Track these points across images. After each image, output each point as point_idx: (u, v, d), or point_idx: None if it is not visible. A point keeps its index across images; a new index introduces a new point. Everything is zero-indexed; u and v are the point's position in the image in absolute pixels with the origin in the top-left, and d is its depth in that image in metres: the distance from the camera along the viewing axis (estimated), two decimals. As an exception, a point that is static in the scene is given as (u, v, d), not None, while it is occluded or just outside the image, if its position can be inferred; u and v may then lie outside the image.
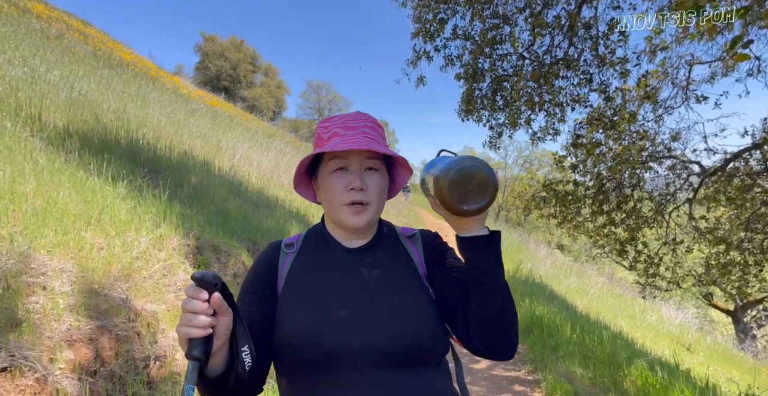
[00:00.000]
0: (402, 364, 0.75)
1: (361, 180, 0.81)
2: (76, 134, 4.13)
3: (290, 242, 0.91)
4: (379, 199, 0.84)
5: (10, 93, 3.99)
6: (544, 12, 4.42)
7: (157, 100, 8.53)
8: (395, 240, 0.90)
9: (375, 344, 0.74)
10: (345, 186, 0.81)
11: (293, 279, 0.84)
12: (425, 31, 5.16)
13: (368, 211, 0.82)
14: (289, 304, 0.81)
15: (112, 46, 14.99)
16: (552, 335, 4.53)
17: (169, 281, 2.89)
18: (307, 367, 0.76)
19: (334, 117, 0.87)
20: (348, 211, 0.82)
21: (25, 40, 6.93)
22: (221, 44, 39.91)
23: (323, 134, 0.85)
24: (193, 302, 0.64)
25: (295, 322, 0.78)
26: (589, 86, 4.57)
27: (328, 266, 0.85)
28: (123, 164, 4.08)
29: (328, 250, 0.87)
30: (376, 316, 0.77)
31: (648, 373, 4.12)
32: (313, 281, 0.83)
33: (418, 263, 0.86)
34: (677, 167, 5.89)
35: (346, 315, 0.77)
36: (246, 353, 0.70)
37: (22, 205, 2.42)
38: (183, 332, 0.63)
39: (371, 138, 0.83)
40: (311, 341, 0.75)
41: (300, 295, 0.81)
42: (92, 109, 5.15)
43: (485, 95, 5.51)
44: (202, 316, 0.63)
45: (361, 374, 0.73)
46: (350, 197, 0.81)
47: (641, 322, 8.18)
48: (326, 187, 0.83)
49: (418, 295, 0.81)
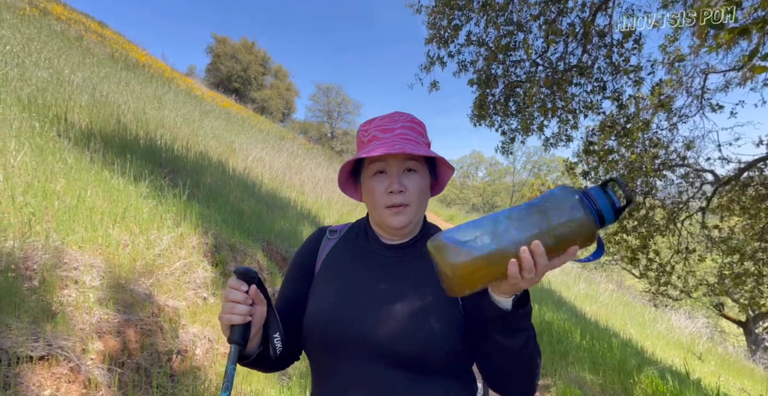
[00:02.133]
0: (406, 366, 0.75)
1: (399, 182, 0.81)
2: (99, 134, 4.25)
3: (335, 229, 0.95)
4: (419, 199, 0.84)
5: (38, 94, 4.13)
6: (558, 19, 4.47)
7: (172, 102, 8.70)
8: None
9: (377, 340, 0.75)
10: (384, 189, 0.82)
11: (327, 264, 0.88)
12: (439, 37, 5.23)
13: (408, 211, 0.83)
14: (317, 288, 0.86)
15: (128, 48, 15.27)
16: (561, 341, 4.54)
17: (189, 278, 2.97)
18: (317, 349, 0.81)
19: (374, 119, 0.88)
20: (388, 213, 0.83)
21: (49, 42, 7.12)
22: (233, 46, 40.34)
23: (363, 138, 0.86)
24: (235, 293, 0.71)
25: (315, 305, 0.83)
26: (603, 94, 4.60)
27: (362, 258, 0.87)
28: (144, 164, 4.19)
29: (366, 243, 0.90)
30: (390, 314, 0.77)
31: (658, 381, 4.11)
32: (343, 269, 0.86)
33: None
34: (690, 176, 5.88)
35: (360, 307, 0.79)
36: (277, 340, 0.77)
37: (54, 203, 2.52)
38: (226, 319, 0.71)
39: (408, 139, 0.83)
40: (322, 326, 0.79)
41: (328, 281, 0.85)
42: (113, 110, 5.29)
43: (498, 101, 5.56)
44: (242, 305, 0.71)
45: (360, 367, 0.76)
46: (390, 200, 0.82)
47: (651, 330, 8.12)
48: (367, 190, 0.85)
49: (440, 304, 0.79)
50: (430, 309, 0.78)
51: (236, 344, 0.71)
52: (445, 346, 0.75)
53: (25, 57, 5.10)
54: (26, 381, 1.66)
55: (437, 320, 0.77)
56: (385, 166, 0.82)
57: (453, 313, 0.79)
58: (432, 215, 17.67)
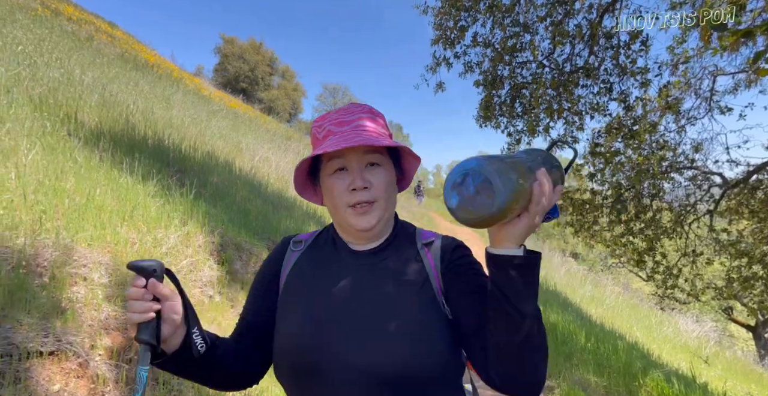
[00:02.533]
0: (391, 389, 0.68)
1: (362, 178, 0.74)
2: (108, 134, 4.31)
3: (300, 239, 0.86)
4: (386, 195, 0.76)
5: (49, 94, 4.19)
6: (565, 21, 4.46)
7: (180, 102, 8.78)
8: (411, 245, 0.81)
9: (358, 364, 0.68)
10: (346, 187, 0.74)
11: (293, 279, 0.80)
12: (445, 38, 5.24)
13: (375, 209, 0.75)
14: (284, 306, 0.78)
15: (137, 48, 15.42)
16: (566, 343, 4.52)
17: (195, 277, 3.01)
18: (291, 375, 0.73)
19: (328, 113, 0.80)
20: (353, 213, 0.75)
21: (60, 42, 7.22)
22: (240, 46, 40.58)
23: (318, 134, 0.79)
24: (131, 289, 0.66)
25: (283, 326, 0.75)
26: (609, 95, 4.58)
27: (330, 269, 0.79)
28: (152, 163, 4.24)
29: (334, 251, 0.81)
30: (367, 333, 0.70)
31: (664, 384, 4.09)
32: (310, 284, 0.78)
33: (432, 276, 0.76)
34: (698, 178, 5.84)
35: (339, 325, 0.71)
36: (196, 334, 0.70)
37: (64, 201, 2.56)
38: (127, 318, 0.66)
39: (367, 130, 0.76)
40: (294, 350, 0.72)
41: (294, 299, 0.78)
42: (122, 110, 5.35)
43: (504, 102, 5.55)
44: (139, 302, 0.65)
45: (347, 393, 0.68)
46: (353, 198, 0.74)
47: (658, 333, 8.05)
48: (328, 189, 0.77)
49: (424, 312, 0.72)
50: (410, 320, 0.70)
51: (142, 343, 0.65)
52: (431, 359, 0.68)
53: (37, 57, 5.19)
54: (36, 375, 1.69)
55: (420, 331, 0.70)
56: (344, 162, 0.75)
57: (439, 318, 0.73)
58: (438, 218, 17.65)
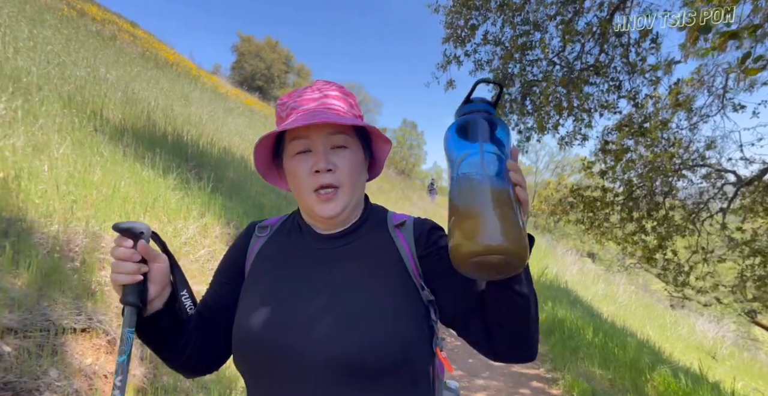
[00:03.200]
0: (357, 379, 0.63)
1: (326, 159, 0.69)
2: (131, 130, 4.52)
3: (266, 225, 0.81)
4: (351, 179, 0.71)
5: (77, 92, 4.42)
6: (575, 19, 4.48)
7: (198, 99, 9.03)
8: (381, 228, 0.77)
9: (323, 353, 0.63)
10: (309, 169, 0.70)
11: (257, 266, 0.76)
12: (456, 36, 5.31)
13: (340, 195, 0.71)
14: (246, 294, 0.74)
15: (158, 47, 15.81)
16: (573, 337, 4.58)
17: (212, 266, 3.17)
18: (251, 366, 0.69)
19: (294, 91, 0.76)
20: (316, 200, 0.70)
21: (86, 42, 7.52)
22: (257, 45, 41.06)
23: (281, 112, 0.74)
24: (118, 249, 0.64)
25: (240, 316, 0.71)
26: (618, 93, 4.59)
27: (295, 255, 0.75)
28: (171, 158, 4.43)
29: (299, 237, 0.77)
30: (333, 319, 0.66)
31: (671, 379, 4.11)
32: (273, 271, 0.74)
33: (407, 258, 0.72)
34: (712, 176, 5.78)
35: (297, 315, 0.67)
36: (185, 297, 0.70)
37: (92, 192, 2.75)
38: (112, 279, 0.64)
39: (333, 108, 0.71)
40: (254, 340, 0.67)
41: (257, 285, 0.74)
42: (144, 107, 5.58)
43: (514, 99, 5.59)
44: (127, 263, 0.63)
45: (304, 385, 0.64)
46: (317, 181, 0.69)
47: (672, 333, 7.99)
48: (290, 172, 0.73)
49: (396, 298, 0.68)
50: (384, 304, 0.67)
51: (129, 305, 0.63)
52: (392, 346, 0.64)
53: (65, 56, 5.44)
54: (71, 350, 1.86)
55: (395, 316, 0.66)
56: (308, 143, 0.70)
57: (413, 302, 0.69)
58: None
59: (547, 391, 3.53)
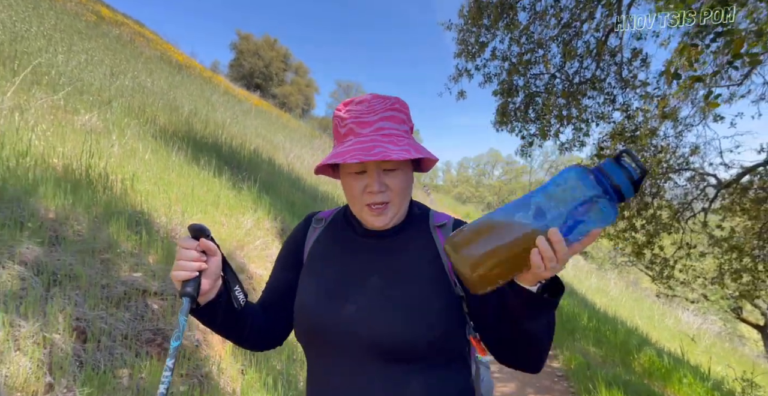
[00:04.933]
0: (396, 360, 0.72)
1: (380, 182, 0.76)
2: (177, 135, 5.07)
3: (321, 217, 0.90)
4: (401, 195, 0.79)
5: (133, 101, 4.95)
6: (574, 41, 5.08)
7: (219, 102, 9.56)
8: (424, 227, 0.84)
9: (362, 334, 0.72)
10: (363, 188, 0.77)
11: (313, 254, 0.85)
12: (467, 52, 5.89)
13: (389, 210, 0.79)
14: (305, 278, 0.83)
15: (167, 48, 16.27)
16: (570, 321, 5.18)
17: (267, 253, 3.74)
18: (309, 341, 0.79)
19: (350, 104, 0.79)
20: (368, 212, 0.78)
21: (116, 49, 8.02)
22: (255, 43, 41.20)
23: (340, 128, 0.80)
24: (188, 252, 0.69)
25: (301, 297, 0.80)
26: (613, 105, 5.19)
27: (347, 246, 0.84)
28: (215, 160, 4.99)
29: (350, 230, 0.85)
30: (377, 306, 0.74)
31: (655, 358, 4.72)
32: (328, 259, 0.83)
33: (444, 257, 0.79)
34: (696, 179, 6.41)
35: (349, 299, 0.76)
36: (238, 291, 0.76)
37: (174, 190, 3.30)
38: (175, 275, 0.69)
39: (388, 134, 0.76)
40: (308, 320, 0.77)
41: (313, 272, 0.83)
42: (181, 113, 6.12)
43: (519, 108, 6.19)
44: (193, 262, 0.69)
45: (347, 362, 0.74)
46: (370, 199, 0.77)
47: (659, 323, 8.64)
48: (345, 185, 0.81)
49: (433, 291, 0.76)
50: (414, 295, 0.75)
51: (187, 296, 0.69)
52: (430, 332, 0.72)
53: (112, 67, 5.96)
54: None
55: (421, 305, 0.74)
56: (363, 166, 0.77)
57: (448, 297, 0.76)
58: (450, 213, 18.29)
59: (549, 364, 4.13)
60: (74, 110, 3.51)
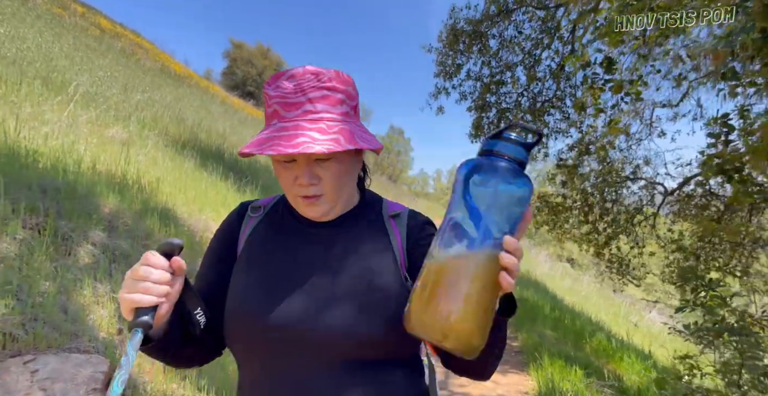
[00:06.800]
0: (349, 363, 0.64)
1: (310, 174, 0.66)
2: (185, 144, 5.69)
3: (258, 205, 0.79)
4: (336, 186, 0.69)
5: (147, 115, 5.58)
6: (535, 66, 5.86)
7: (218, 112, 10.19)
8: (376, 216, 0.77)
9: (312, 334, 0.63)
10: (293, 179, 0.67)
11: (250, 245, 0.74)
12: (445, 72, 6.65)
13: (324, 201, 0.69)
14: (239, 273, 0.72)
15: (164, 58, 16.87)
16: (533, 310, 5.88)
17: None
18: (243, 347, 0.69)
19: (280, 77, 0.67)
20: (303, 203, 0.69)
21: (123, 62, 8.64)
22: (249, 51, 41.74)
23: (267, 107, 0.69)
24: (158, 272, 0.57)
25: (236, 294, 0.69)
26: (568, 122, 5.97)
27: (290, 237, 0.73)
28: (220, 167, 5.62)
29: (292, 219, 0.75)
30: (325, 303, 0.65)
31: (606, 342, 5.43)
32: (268, 251, 0.72)
33: (397, 247, 0.72)
34: (648, 187, 7.22)
35: (289, 297, 0.66)
36: (199, 315, 0.66)
37: (191, 193, 3.93)
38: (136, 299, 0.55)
39: (316, 120, 0.64)
40: (245, 320, 0.66)
41: (250, 265, 0.72)
42: (186, 124, 6.74)
43: (492, 122, 6.95)
44: (162, 286, 0.57)
45: (296, 367, 0.64)
46: (300, 191, 0.67)
47: (623, 320, 9.38)
48: (277, 174, 0.69)
49: (386, 286, 0.68)
50: (367, 289, 0.67)
51: (143, 327, 0.55)
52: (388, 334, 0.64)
53: (127, 83, 6.59)
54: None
55: (376, 300, 0.66)
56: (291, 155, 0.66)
57: (397, 288, 0.68)
58: (437, 220, 18.99)
59: (509, 343, 4.80)
60: (104, 124, 4.14)
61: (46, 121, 3.10)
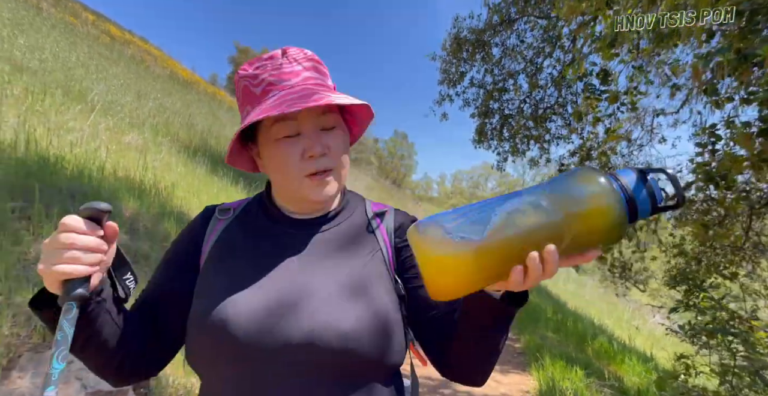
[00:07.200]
0: (330, 375, 0.58)
1: (322, 143, 0.62)
2: (197, 149, 5.87)
3: (227, 208, 0.72)
4: (343, 160, 0.66)
5: (159, 121, 5.77)
6: (537, 74, 6.01)
7: (225, 118, 10.40)
8: (360, 215, 0.72)
9: (296, 345, 0.57)
10: (301, 154, 0.62)
11: (218, 249, 0.67)
12: (449, 80, 6.81)
13: (334, 178, 0.65)
14: (206, 280, 0.64)
15: (172, 65, 17.17)
16: (535, 312, 5.98)
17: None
18: (209, 361, 0.60)
19: (258, 60, 0.65)
20: (310, 184, 0.63)
21: (140, 75, 8.87)
22: (254, 56, 41.87)
23: (252, 88, 0.64)
24: (86, 238, 0.50)
25: (205, 301, 0.61)
26: (568, 129, 6.10)
27: (264, 239, 0.67)
28: (229, 171, 5.79)
29: (268, 220, 0.69)
30: (309, 309, 0.59)
31: (607, 345, 5.52)
32: (240, 255, 0.65)
33: (384, 247, 0.68)
34: (650, 191, 7.32)
35: (267, 302, 0.59)
36: (129, 280, 0.60)
37: (204, 196, 4.09)
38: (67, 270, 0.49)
39: (321, 84, 0.64)
40: (217, 328, 0.58)
41: (220, 271, 0.64)
42: (196, 130, 6.93)
43: (494, 128, 7.09)
44: (95, 254, 0.51)
45: (273, 378, 0.57)
46: (312, 166, 0.62)
47: (627, 324, 9.44)
48: (274, 157, 0.64)
49: (374, 284, 0.63)
50: (363, 296, 0.61)
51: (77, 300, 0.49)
52: (385, 342, 0.59)
53: (139, 90, 6.80)
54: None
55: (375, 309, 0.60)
56: (297, 126, 0.62)
57: (392, 295, 0.64)
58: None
59: (512, 344, 4.90)
60: (121, 131, 4.32)
61: (70, 129, 3.27)
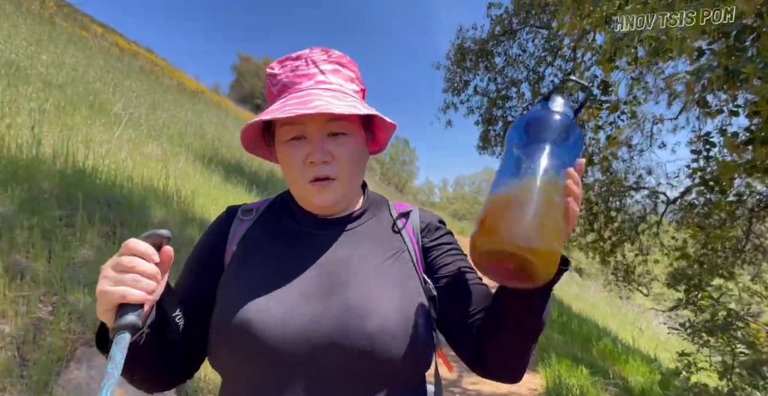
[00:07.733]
0: (355, 379, 0.57)
1: (323, 150, 0.61)
2: (209, 158, 6.06)
3: (249, 208, 0.72)
4: (350, 169, 0.64)
5: (174, 132, 5.97)
6: (539, 82, 6.20)
7: (232, 127, 10.63)
8: (384, 215, 0.71)
9: (321, 347, 0.56)
10: (303, 159, 0.62)
11: (242, 250, 0.66)
12: (453, 88, 7.01)
13: (335, 186, 0.63)
14: (230, 280, 0.64)
15: (178, 75, 17.48)
16: (540, 316, 6.10)
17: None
18: (235, 364, 0.59)
19: (286, 60, 0.66)
20: (312, 189, 0.63)
21: (152, 88, 9.11)
22: (256, 64, 42.70)
23: (272, 86, 0.66)
24: (146, 264, 0.50)
25: (227, 302, 0.61)
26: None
27: (288, 239, 0.67)
28: (241, 179, 5.98)
29: (292, 220, 0.69)
30: (335, 311, 0.57)
31: (611, 346, 5.64)
32: (263, 256, 0.65)
33: (411, 248, 0.67)
34: (652, 196, 7.46)
35: (292, 303, 0.58)
36: (179, 317, 0.60)
37: (219, 203, 4.27)
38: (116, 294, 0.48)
39: (332, 89, 0.63)
40: (241, 330, 0.57)
41: (244, 271, 0.64)
42: (208, 139, 7.14)
43: (498, 134, 7.27)
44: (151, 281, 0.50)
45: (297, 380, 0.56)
46: (312, 173, 0.62)
47: (632, 327, 9.52)
48: (282, 158, 0.65)
49: (402, 286, 0.62)
50: (390, 299, 0.59)
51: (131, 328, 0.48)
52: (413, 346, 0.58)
53: (153, 102, 7.02)
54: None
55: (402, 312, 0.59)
56: (302, 129, 0.62)
57: (420, 297, 0.63)
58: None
59: (518, 346, 5.03)
60: (141, 142, 4.51)
61: (99, 142, 3.46)
